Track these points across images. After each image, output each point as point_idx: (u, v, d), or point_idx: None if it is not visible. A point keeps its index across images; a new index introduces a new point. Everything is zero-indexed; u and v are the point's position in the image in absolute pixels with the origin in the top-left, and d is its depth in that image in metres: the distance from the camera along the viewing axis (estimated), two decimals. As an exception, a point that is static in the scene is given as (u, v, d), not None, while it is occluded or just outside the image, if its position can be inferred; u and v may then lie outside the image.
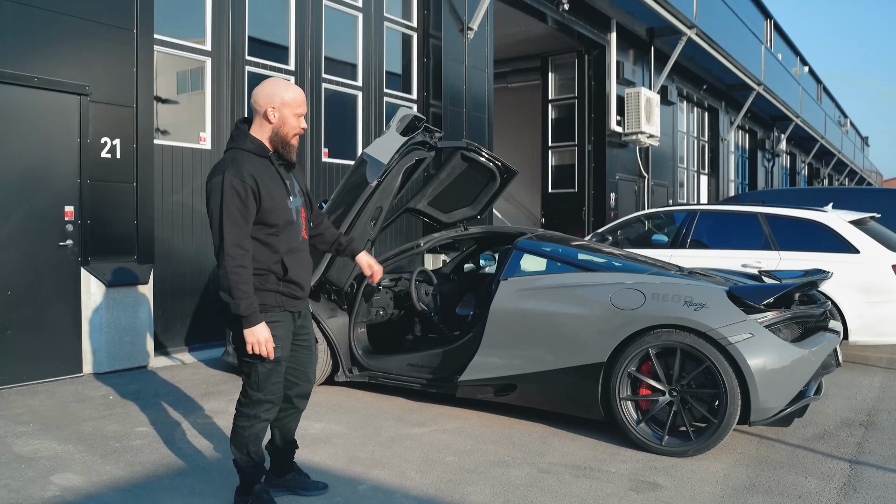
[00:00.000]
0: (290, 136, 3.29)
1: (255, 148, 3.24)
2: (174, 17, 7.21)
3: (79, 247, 6.07)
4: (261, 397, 3.31)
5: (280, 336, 3.27)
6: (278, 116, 3.24)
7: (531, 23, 13.45)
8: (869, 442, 4.63)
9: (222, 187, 3.12)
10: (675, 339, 4.29)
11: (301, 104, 3.30)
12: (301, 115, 3.31)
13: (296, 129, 3.30)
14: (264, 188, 3.18)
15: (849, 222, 7.07)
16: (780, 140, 28.10)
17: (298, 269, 3.32)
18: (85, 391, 5.65)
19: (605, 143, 14.84)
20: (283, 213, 3.26)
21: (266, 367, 3.26)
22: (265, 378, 3.28)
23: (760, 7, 24.65)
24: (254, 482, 3.43)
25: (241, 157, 3.20)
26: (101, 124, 6.21)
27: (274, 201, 3.21)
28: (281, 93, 3.25)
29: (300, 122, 3.31)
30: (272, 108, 3.23)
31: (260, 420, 3.35)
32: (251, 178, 3.15)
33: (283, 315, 3.31)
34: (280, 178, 3.29)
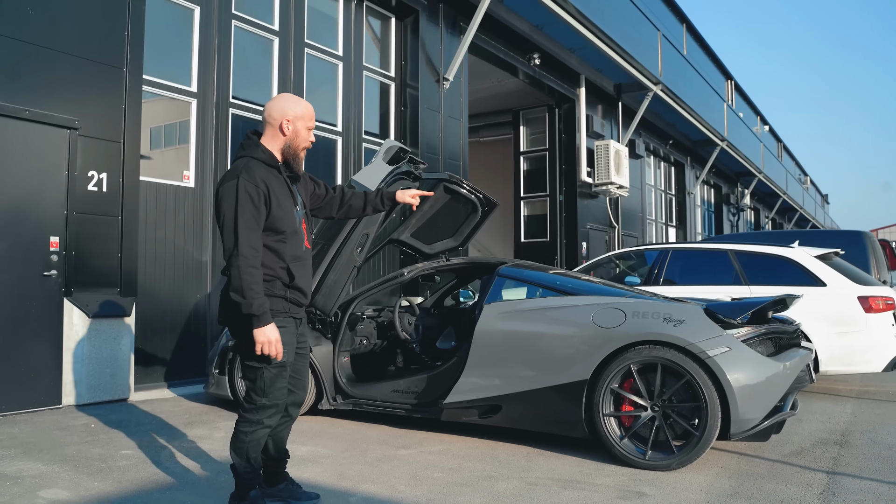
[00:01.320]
0: (301, 148, 3.45)
1: (266, 158, 3.38)
2: (162, 59, 7.39)
3: (63, 277, 6.09)
4: (266, 402, 3.36)
5: (286, 342, 3.35)
6: (292, 129, 3.40)
7: (503, 77, 13.89)
8: (844, 457, 4.76)
9: (237, 191, 3.23)
10: (656, 354, 4.43)
11: (312, 118, 3.48)
12: (311, 128, 3.48)
13: (306, 141, 3.46)
14: (274, 195, 3.31)
15: (815, 257, 7.33)
16: (745, 195, 28.86)
17: (302, 276, 3.44)
18: (66, 420, 5.60)
19: (576, 194, 15.18)
20: (290, 221, 3.39)
21: (272, 371, 3.33)
22: (270, 383, 3.34)
23: (721, 69, 25.63)
24: (249, 488, 3.45)
25: (252, 164, 3.33)
26: (89, 158, 6.30)
27: (283, 209, 3.34)
28: (295, 106, 3.43)
29: (310, 135, 3.47)
30: (287, 121, 3.39)
31: (262, 426, 3.39)
32: (263, 184, 3.28)
33: (288, 321, 3.40)
34: (288, 188, 3.43)
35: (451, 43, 11.13)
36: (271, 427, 3.44)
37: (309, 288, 3.50)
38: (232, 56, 8.07)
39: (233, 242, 3.21)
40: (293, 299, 3.40)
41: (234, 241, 3.20)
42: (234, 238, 3.20)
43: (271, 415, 3.39)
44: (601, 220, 16.23)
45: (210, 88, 7.79)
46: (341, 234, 5.25)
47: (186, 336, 7.46)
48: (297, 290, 3.40)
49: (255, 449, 3.41)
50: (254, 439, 3.39)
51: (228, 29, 8.02)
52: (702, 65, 21.25)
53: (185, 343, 7.44)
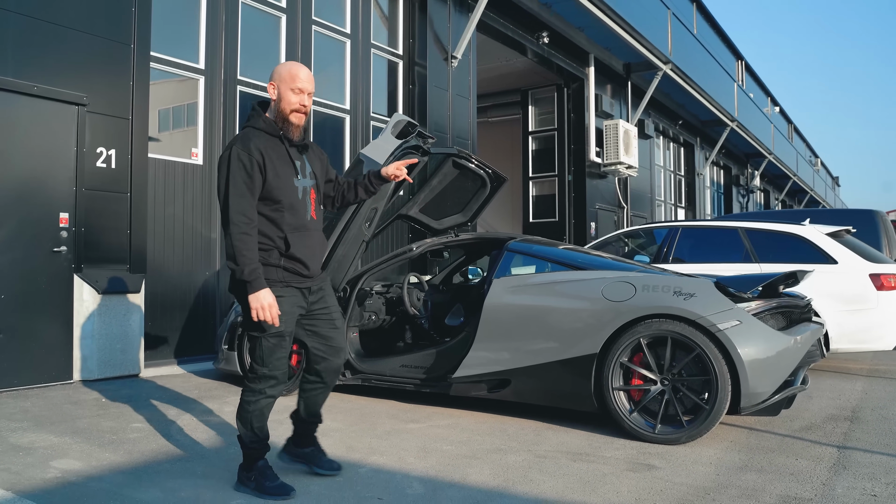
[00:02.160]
0: (288, 111, 3.35)
1: (266, 126, 3.36)
2: (170, 36, 7.36)
3: (72, 254, 6.10)
4: (265, 372, 3.35)
5: (284, 311, 3.32)
6: (277, 92, 3.36)
7: (512, 56, 13.80)
8: (855, 432, 4.75)
9: (229, 160, 3.24)
10: (666, 328, 4.41)
11: (296, 79, 3.34)
12: (300, 90, 3.34)
13: (293, 104, 3.34)
14: (270, 163, 3.28)
15: (826, 235, 7.28)
16: (754, 176, 28.69)
17: (303, 247, 3.37)
18: (77, 395, 5.63)
19: (584, 174, 15.12)
20: (288, 190, 3.34)
21: (269, 341, 3.32)
22: (269, 352, 3.34)
23: (732, 48, 25.38)
24: (256, 458, 3.45)
25: (251, 133, 3.33)
26: (98, 135, 6.30)
27: (279, 178, 3.31)
28: (281, 69, 3.38)
29: (301, 98, 3.35)
30: (271, 85, 3.38)
31: (265, 396, 3.40)
32: (258, 151, 3.26)
33: (287, 291, 3.36)
34: (289, 157, 3.38)
35: (460, 21, 11.05)
36: (274, 398, 3.43)
37: (312, 259, 3.42)
38: (239, 34, 8.03)
39: (225, 211, 3.23)
40: (291, 269, 3.35)
41: (225, 209, 3.23)
42: (226, 206, 3.22)
43: (272, 385, 3.38)
44: (610, 201, 16.17)
45: (218, 66, 7.76)
46: (350, 208, 5.23)
47: (196, 313, 7.48)
48: (295, 261, 3.35)
49: (258, 419, 3.41)
50: (257, 409, 3.39)
51: (236, 6, 7.98)
52: (712, 44, 21.05)
53: (195, 320, 7.46)
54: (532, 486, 3.58)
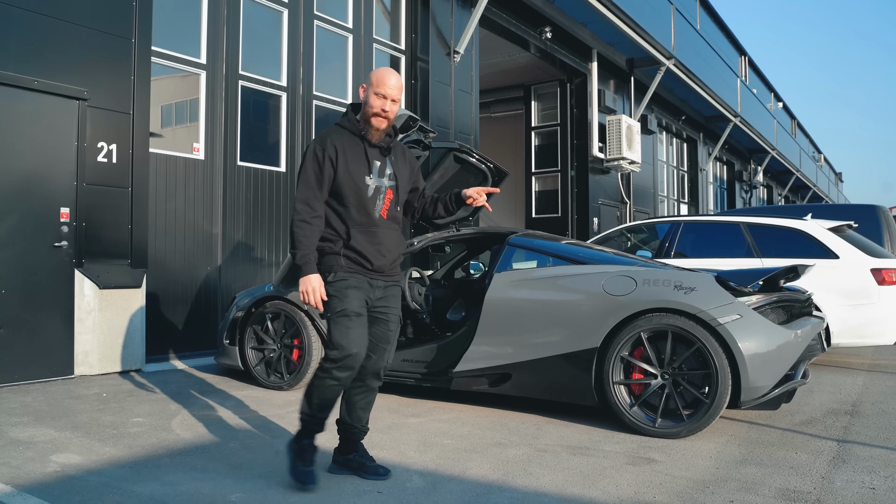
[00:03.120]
0: (370, 115, 3.42)
1: (349, 125, 3.48)
2: (171, 31, 7.36)
3: (73, 248, 6.11)
4: (336, 354, 3.34)
5: (352, 287, 3.40)
6: (364, 96, 3.45)
7: (515, 51, 13.78)
8: (855, 426, 4.74)
9: (305, 153, 3.45)
10: (667, 322, 4.40)
11: (381, 84, 3.40)
12: (383, 95, 3.40)
13: (374, 108, 3.40)
14: (343, 159, 3.39)
15: (827, 229, 7.26)
16: (757, 172, 28.63)
17: (366, 243, 3.43)
18: (78, 390, 5.64)
19: (587, 169, 15.10)
20: (357, 188, 3.40)
21: (336, 321, 3.36)
22: (336, 332, 3.35)
23: (735, 44, 25.32)
24: (304, 434, 3.51)
25: (334, 130, 3.49)
26: (99, 129, 6.30)
27: (349, 174, 3.39)
28: (373, 74, 3.46)
29: (382, 103, 3.40)
30: (362, 88, 3.49)
31: (330, 377, 3.36)
32: (332, 147, 3.40)
33: (352, 275, 3.43)
34: (365, 156, 3.44)
35: (462, 16, 11.04)
36: (340, 381, 3.39)
37: (376, 256, 3.45)
38: (241, 28, 8.02)
39: (296, 197, 3.41)
40: (354, 259, 3.43)
41: (297, 195, 3.41)
42: (297, 193, 3.41)
43: (340, 367, 3.34)
44: (613, 196, 16.15)
45: (219, 61, 7.76)
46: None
47: (197, 308, 7.49)
48: (356, 253, 3.42)
49: (318, 395, 3.42)
50: (320, 386, 3.40)
51: (237, 1, 7.97)
52: (715, 40, 21.00)
53: (196, 315, 7.47)
54: (531, 480, 3.58)
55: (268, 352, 5.93)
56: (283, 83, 8.55)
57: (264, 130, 8.52)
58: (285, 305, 5.82)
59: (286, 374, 5.80)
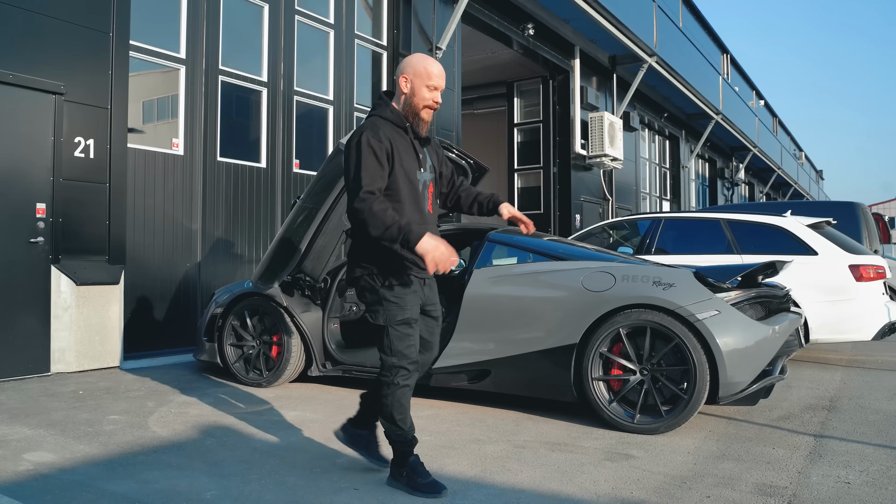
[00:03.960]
0: (420, 107, 3.32)
1: (394, 117, 3.32)
2: (150, 25, 7.28)
3: (50, 244, 6.04)
4: (394, 362, 3.27)
5: (412, 292, 3.30)
6: (410, 87, 3.31)
7: (497, 48, 13.76)
8: (832, 421, 4.78)
9: (359, 145, 3.19)
10: (646, 318, 4.41)
11: (431, 76, 3.31)
12: (435, 88, 3.32)
13: (426, 101, 3.32)
14: (397, 153, 3.26)
15: (806, 226, 7.31)
16: (739, 169, 28.81)
17: None
18: (54, 387, 5.58)
19: (569, 166, 15.11)
20: (411, 183, 3.31)
21: (398, 329, 3.26)
22: (398, 341, 3.26)
23: (717, 42, 25.42)
24: (406, 453, 3.37)
25: (379, 122, 3.29)
26: (76, 124, 6.23)
27: (404, 169, 3.28)
28: (416, 63, 3.33)
29: (434, 95, 3.33)
30: (404, 78, 3.32)
31: (398, 386, 3.29)
32: (387, 140, 3.24)
33: (409, 278, 3.33)
34: (414, 150, 3.35)
35: (444, 12, 11.01)
36: (409, 387, 3.33)
37: None
38: (221, 23, 7.96)
39: (356, 191, 3.15)
40: (410, 259, 3.28)
41: (357, 189, 3.14)
42: (357, 186, 3.14)
43: (404, 375, 3.28)
44: (595, 193, 16.19)
45: (199, 55, 7.70)
46: (329, 198, 5.21)
47: (176, 304, 7.43)
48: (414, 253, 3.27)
49: (399, 410, 3.31)
50: (394, 400, 3.29)
51: (217, -5, 7.92)
52: (697, 37, 21.08)
53: (175, 311, 7.41)
54: (509, 476, 3.57)
55: (247, 348, 5.89)
56: (263, 78, 8.50)
57: (245, 126, 8.46)
58: (264, 302, 5.78)
59: (265, 370, 5.76)
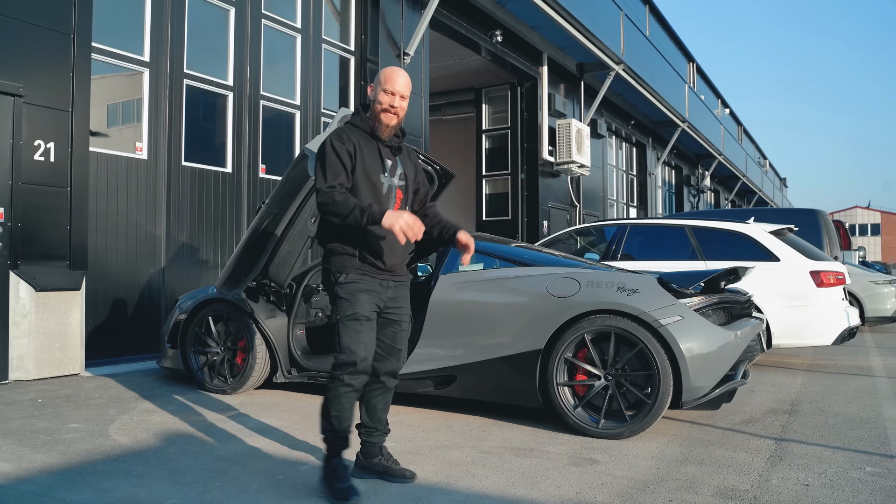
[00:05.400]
0: (378, 111, 3.39)
1: (361, 123, 3.45)
2: (113, 28, 7.19)
3: (8, 249, 5.92)
4: (344, 359, 3.30)
5: (364, 290, 3.34)
6: (374, 93, 3.43)
7: (466, 54, 13.81)
8: (793, 424, 4.85)
9: (324, 148, 3.35)
10: (610, 323, 4.44)
11: (389, 81, 3.39)
12: (391, 92, 3.38)
13: (383, 105, 3.38)
14: (360, 155, 3.35)
15: (769, 233, 7.43)
16: (705, 177, 29.19)
17: (380, 242, 3.36)
18: (12, 395, 5.46)
19: (537, 172, 15.20)
20: (373, 184, 3.35)
21: (347, 325, 3.30)
22: (345, 336, 3.30)
23: (684, 51, 25.79)
24: (332, 453, 3.41)
25: (347, 128, 3.44)
26: (35, 127, 6.12)
27: (366, 171, 3.34)
28: (380, 73, 3.45)
29: (391, 99, 3.38)
30: (370, 87, 3.47)
31: (342, 384, 3.31)
32: (351, 142, 3.34)
33: (364, 277, 3.36)
34: (378, 154, 3.41)
35: (412, 17, 11.02)
36: (352, 387, 3.33)
37: (390, 255, 3.40)
38: (186, 26, 7.89)
39: (322, 185, 3.26)
40: (368, 259, 3.36)
41: (322, 183, 3.26)
42: (322, 181, 3.27)
43: (350, 373, 3.30)
44: (563, 199, 16.29)
45: (163, 59, 7.61)
46: (294, 203, 5.17)
47: (140, 310, 7.32)
48: (370, 252, 3.35)
49: (335, 407, 3.35)
50: (334, 396, 3.34)
51: (182, -2, 7.84)
52: (664, 46, 21.35)
53: (139, 318, 7.31)
54: (474, 482, 3.57)
55: (211, 355, 5.82)
56: (229, 83, 8.43)
57: (210, 130, 8.38)
58: (229, 308, 5.72)
59: (229, 377, 5.70)
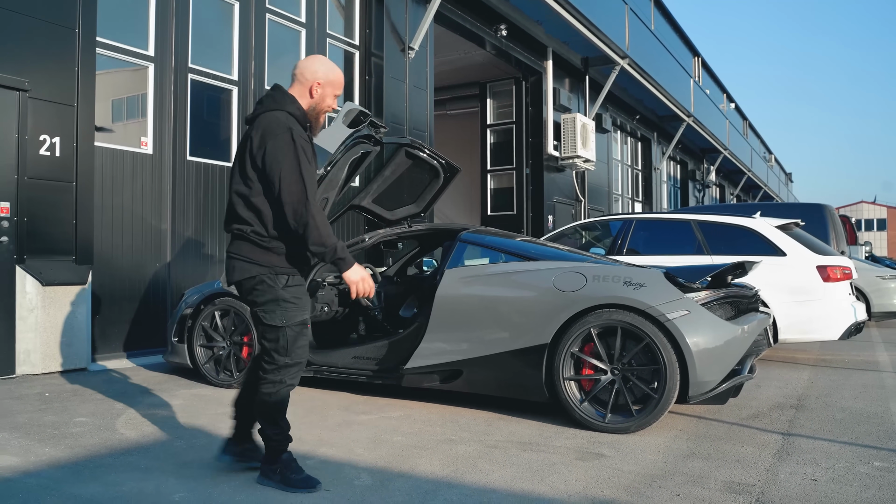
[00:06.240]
0: (322, 113, 3.41)
1: (301, 116, 3.33)
2: (118, 22, 7.18)
3: (14, 244, 5.93)
4: (288, 361, 3.30)
5: (305, 300, 3.36)
6: (320, 93, 3.37)
7: (470, 49, 13.77)
8: (800, 419, 4.83)
9: (294, 142, 3.16)
10: (616, 318, 4.43)
11: (340, 86, 3.43)
12: (338, 96, 3.42)
13: (329, 108, 3.42)
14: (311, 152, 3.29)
15: (775, 227, 7.40)
16: (710, 171, 29.11)
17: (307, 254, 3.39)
18: (19, 390, 5.48)
19: (542, 167, 15.17)
20: (316, 183, 3.31)
21: (294, 330, 3.30)
22: (293, 341, 3.30)
23: (689, 45, 25.70)
24: (280, 451, 3.37)
25: (292, 119, 3.26)
26: (41, 122, 6.12)
27: (313, 168, 3.29)
28: (329, 72, 3.39)
29: (335, 102, 3.43)
30: (318, 84, 3.36)
31: (285, 385, 3.33)
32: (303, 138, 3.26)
33: (301, 280, 3.39)
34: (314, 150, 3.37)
35: (417, 12, 10.99)
36: (294, 386, 3.37)
37: None
38: (191, 20, 7.87)
39: (303, 196, 3.13)
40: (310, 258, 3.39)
41: (303, 195, 3.13)
42: (304, 191, 3.13)
43: (294, 374, 3.34)
44: (568, 194, 16.26)
45: (168, 53, 7.60)
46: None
47: (146, 305, 7.33)
48: (311, 252, 3.32)
49: (280, 410, 3.34)
50: (278, 399, 3.32)
51: (187, -8, 7.83)
52: (669, 40, 21.28)
53: (145, 312, 7.32)
54: (481, 476, 3.56)
55: (217, 349, 5.83)
56: (234, 77, 8.42)
57: (215, 125, 8.38)
58: (235, 302, 5.72)
59: (235, 371, 5.71)
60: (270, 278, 3.27)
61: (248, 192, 3.26)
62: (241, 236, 3.30)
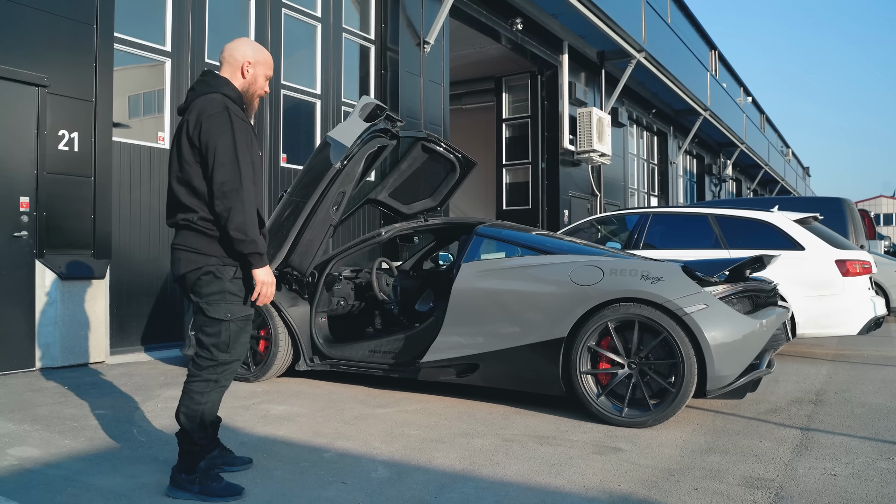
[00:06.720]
0: (256, 95, 3.36)
1: (237, 97, 3.23)
2: (135, 17, 7.21)
3: (34, 238, 5.98)
4: (227, 358, 3.16)
5: (247, 295, 3.24)
6: (252, 73, 3.29)
7: (486, 42, 13.74)
8: (818, 414, 4.80)
9: (231, 124, 3.06)
10: (634, 311, 4.41)
11: (272, 67, 3.40)
12: (269, 77, 3.39)
13: (262, 89, 3.37)
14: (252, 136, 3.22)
15: (793, 221, 7.34)
16: (727, 166, 28.92)
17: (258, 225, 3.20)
18: (39, 383, 5.53)
19: (558, 161, 15.12)
20: (258, 167, 3.22)
21: (238, 325, 3.17)
22: (236, 337, 3.17)
23: (706, 38, 25.50)
24: (199, 459, 3.17)
25: (229, 101, 3.15)
26: (60, 117, 6.17)
27: (249, 151, 3.16)
28: (258, 52, 3.33)
29: (266, 84, 3.38)
30: (248, 64, 3.28)
31: (219, 385, 3.20)
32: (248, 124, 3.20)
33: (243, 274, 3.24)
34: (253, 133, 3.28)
35: (433, 6, 10.97)
36: (227, 388, 3.25)
37: None
38: (207, 15, 7.90)
39: (236, 177, 3.02)
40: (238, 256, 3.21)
41: (236, 175, 3.03)
42: (237, 172, 3.03)
43: (230, 374, 3.21)
44: (583, 189, 16.21)
45: (185, 48, 7.63)
46: (316, 192, 5.17)
47: (163, 299, 7.38)
48: None
49: (210, 412, 3.21)
50: (209, 401, 3.18)
51: (203, -13, 7.85)
52: (686, 34, 21.14)
53: (162, 306, 7.36)
54: (497, 470, 3.56)
55: (234, 343, 5.84)
56: (250, 72, 8.43)
57: (231, 120, 8.39)
58: (252, 296, 5.73)
59: (252, 365, 5.73)
60: (217, 269, 3.12)
61: (189, 178, 3.09)
62: (187, 226, 3.13)
